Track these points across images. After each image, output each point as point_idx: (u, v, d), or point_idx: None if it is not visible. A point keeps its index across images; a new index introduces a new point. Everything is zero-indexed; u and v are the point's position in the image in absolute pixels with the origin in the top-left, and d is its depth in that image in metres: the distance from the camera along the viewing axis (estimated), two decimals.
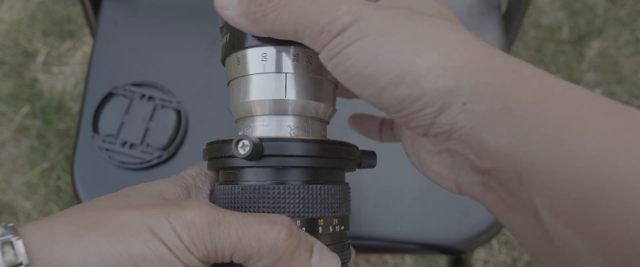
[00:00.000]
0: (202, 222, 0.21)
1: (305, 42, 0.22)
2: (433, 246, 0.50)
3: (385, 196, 0.50)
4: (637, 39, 1.17)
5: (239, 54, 0.26)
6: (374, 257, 1.00)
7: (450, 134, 0.21)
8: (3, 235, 0.19)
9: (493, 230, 0.50)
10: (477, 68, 0.20)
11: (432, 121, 0.21)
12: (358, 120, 0.33)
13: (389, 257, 0.99)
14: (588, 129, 0.17)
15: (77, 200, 0.53)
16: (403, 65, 0.20)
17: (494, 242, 1.00)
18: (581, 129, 0.17)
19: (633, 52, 1.17)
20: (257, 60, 0.25)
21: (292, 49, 0.25)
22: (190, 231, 0.21)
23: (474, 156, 0.20)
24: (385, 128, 0.33)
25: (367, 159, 0.29)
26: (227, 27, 0.26)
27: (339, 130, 0.49)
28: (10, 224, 0.20)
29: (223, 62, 0.28)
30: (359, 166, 0.29)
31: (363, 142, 0.32)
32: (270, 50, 0.25)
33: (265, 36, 0.24)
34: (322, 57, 0.22)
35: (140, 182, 0.54)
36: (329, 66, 0.22)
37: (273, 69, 0.25)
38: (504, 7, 0.63)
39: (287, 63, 0.25)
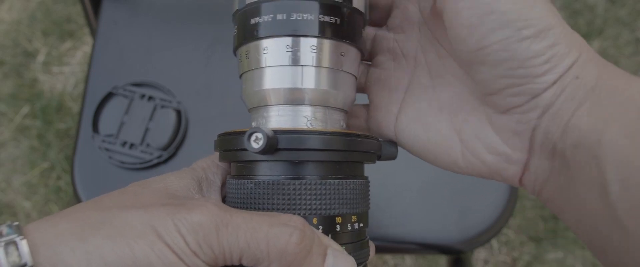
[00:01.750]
0: (209, 225, 0.20)
1: None
2: (433, 246, 0.50)
3: (385, 195, 0.50)
4: (637, 39, 1.17)
5: (250, 45, 0.24)
6: (374, 257, 1.00)
7: (548, 107, 0.21)
8: (7, 235, 0.19)
9: (493, 230, 0.50)
10: (589, 50, 0.21)
11: (543, 90, 0.21)
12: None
13: (389, 257, 0.99)
14: None
15: (77, 200, 0.53)
16: (550, 25, 0.21)
17: (494, 242, 1.00)
18: None
19: (633, 52, 1.17)
20: (281, 49, 0.24)
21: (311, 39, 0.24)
22: (196, 233, 0.20)
23: (559, 133, 0.21)
24: (356, 115, 0.30)
25: (388, 149, 0.27)
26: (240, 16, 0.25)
27: None
28: (15, 223, 0.20)
29: (235, 52, 0.26)
30: (379, 158, 0.27)
31: None
32: (289, 41, 0.24)
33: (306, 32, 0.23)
34: None
35: None
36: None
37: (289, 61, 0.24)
38: None
39: (306, 55, 0.24)
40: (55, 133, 1.10)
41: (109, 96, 0.54)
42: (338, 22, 0.24)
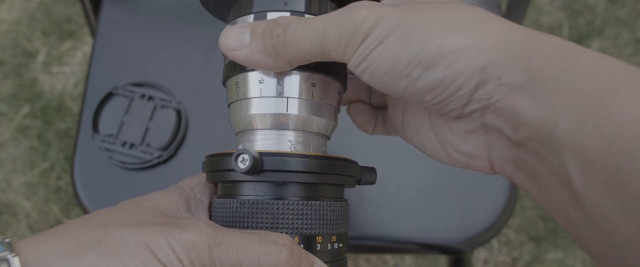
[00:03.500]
0: (201, 243, 0.20)
1: (332, 58, 0.23)
2: (433, 246, 0.50)
3: (385, 195, 0.50)
4: (637, 39, 1.17)
5: (239, 77, 0.26)
6: (374, 257, 1.00)
7: (485, 109, 0.21)
8: None
9: (493, 230, 0.50)
10: (507, 43, 0.20)
11: (468, 100, 0.21)
12: (359, 110, 0.33)
13: (389, 257, 0.99)
14: (618, 96, 0.17)
15: (77, 200, 0.53)
16: (434, 50, 0.20)
17: (494, 242, 1.00)
18: (611, 96, 0.17)
19: (633, 52, 1.17)
20: (256, 83, 0.26)
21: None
22: (189, 252, 0.20)
23: (508, 128, 0.21)
24: (379, 121, 0.33)
25: (367, 175, 0.29)
26: None
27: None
28: (7, 240, 0.19)
29: (224, 83, 0.28)
30: (359, 182, 0.29)
31: (360, 154, 0.31)
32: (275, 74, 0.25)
33: (285, 67, 0.24)
34: (351, 66, 0.22)
35: (140, 182, 0.54)
36: (358, 72, 0.22)
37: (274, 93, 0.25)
38: (504, 7, 0.63)
39: (290, 87, 0.25)
40: (55, 133, 1.10)
41: (109, 96, 0.54)
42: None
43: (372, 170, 0.29)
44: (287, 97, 0.25)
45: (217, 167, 0.26)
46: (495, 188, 0.51)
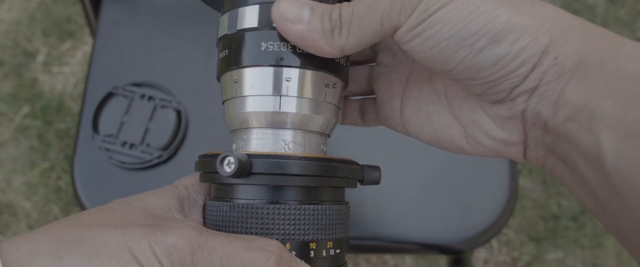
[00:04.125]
0: (184, 247, 0.20)
1: (386, 31, 0.22)
2: (433, 246, 0.50)
3: (385, 195, 0.50)
4: (637, 39, 1.17)
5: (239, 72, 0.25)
6: (374, 257, 1.00)
7: (533, 91, 0.21)
8: None
9: (493, 230, 0.50)
10: (563, 25, 0.21)
11: (522, 80, 0.21)
12: None
13: (389, 257, 0.99)
14: None
15: (77, 200, 0.53)
16: (503, 23, 0.20)
17: (494, 242, 1.00)
18: None
19: None
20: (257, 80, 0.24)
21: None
22: (171, 255, 0.20)
23: (549, 111, 0.21)
24: (367, 111, 0.31)
25: (370, 174, 0.27)
26: (227, 41, 0.25)
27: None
28: None
29: (218, 79, 0.26)
30: (362, 182, 0.27)
31: (360, 155, 0.31)
32: (272, 70, 0.24)
33: (337, 53, 0.23)
34: (404, 30, 0.21)
35: (140, 182, 0.54)
36: (410, 35, 0.21)
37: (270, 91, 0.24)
38: None
39: (287, 84, 0.24)
40: (55, 133, 1.10)
41: (109, 96, 0.54)
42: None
43: (375, 169, 0.27)
44: (284, 95, 0.24)
45: (208, 169, 0.25)
46: (495, 188, 0.51)
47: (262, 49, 0.24)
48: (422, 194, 0.50)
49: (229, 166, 0.22)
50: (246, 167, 0.22)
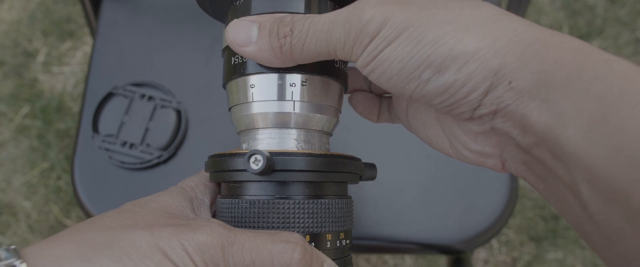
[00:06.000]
0: (215, 244, 0.20)
1: (339, 57, 0.22)
2: (433, 246, 0.50)
3: (385, 195, 0.50)
4: (637, 39, 1.17)
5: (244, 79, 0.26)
6: (374, 257, 1.00)
7: (495, 113, 0.21)
8: (6, 259, 0.18)
9: (493, 230, 0.50)
10: (519, 44, 0.19)
11: (478, 104, 0.21)
12: (360, 99, 0.32)
13: (389, 257, 0.99)
14: (627, 102, 0.17)
15: (77, 200, 0.53)
16: (445, 53, 0.20)
17: (494, 242, 1.00)
18: (619, 102, 0.17)
19: (633, 52, 1.17)
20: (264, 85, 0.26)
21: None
22: (203, 253, 0.20)
23: (517, 133, 0.21)
24: (383, 109, 0.32)
25: (368, 171, 0.29)
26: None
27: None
28: (12, 246, 0.19)
29: (225, 84, 0.28)
30: (360, 178, 0.29)
31: (350, 147, 0.31)
32: (277, 76, 0.25)
33: (294, 64, 0.24)
34: (358, 66, 0.22)
35: (140, 182, 0.54)
36: (366, 72, 0.22)
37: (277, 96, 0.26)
38: (504, 7, 0.63)
39: (292, 89, 0.25)
40: (55, 133, 1.10)
41: (109, 96, 0.54)
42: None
43: (372, 166, 0.29)
44: (290, 98, 0.25)
45: (224, 167, 0.26)
46: (495, 188, 0.51)
47: None
48: (422, 193, 0.50)
49: (255, 164, 0.23)
50: (272, 164, 0.24)
